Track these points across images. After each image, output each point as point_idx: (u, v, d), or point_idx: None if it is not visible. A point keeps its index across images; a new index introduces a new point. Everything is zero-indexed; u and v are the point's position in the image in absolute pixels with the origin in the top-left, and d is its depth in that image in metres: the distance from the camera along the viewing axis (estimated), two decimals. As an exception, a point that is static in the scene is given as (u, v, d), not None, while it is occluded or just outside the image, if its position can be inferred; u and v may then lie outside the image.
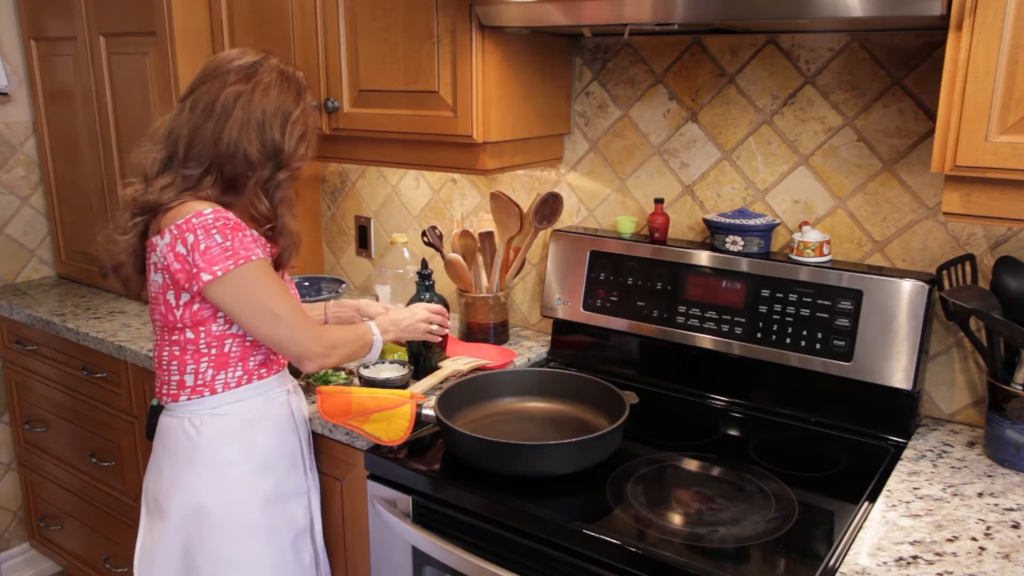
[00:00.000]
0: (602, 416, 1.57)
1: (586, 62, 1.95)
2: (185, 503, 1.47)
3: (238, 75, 1.41)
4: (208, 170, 1.40)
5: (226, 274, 1.35)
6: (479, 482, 1.40)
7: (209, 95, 1.41)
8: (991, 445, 1.47)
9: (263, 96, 1.40)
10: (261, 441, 1.51)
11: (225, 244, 1.35)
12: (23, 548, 2.85)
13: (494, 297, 2.01)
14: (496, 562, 1.35)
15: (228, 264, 1.35)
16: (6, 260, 2.71)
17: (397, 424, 1.52)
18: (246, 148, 1.39)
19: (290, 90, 1.44)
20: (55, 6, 2.45)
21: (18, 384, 2.63)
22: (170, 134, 1.44)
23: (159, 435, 1.53)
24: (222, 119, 1.39)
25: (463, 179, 2.23)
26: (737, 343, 1.69)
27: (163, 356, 1.49)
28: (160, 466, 1.52)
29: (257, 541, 1.50)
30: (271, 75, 1.42)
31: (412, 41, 1.75)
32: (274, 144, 1.41)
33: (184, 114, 1.42)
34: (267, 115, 1.40)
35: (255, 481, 1.50)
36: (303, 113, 1.45)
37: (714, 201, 1.84)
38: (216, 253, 1.35)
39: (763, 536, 1.25)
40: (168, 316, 1.44)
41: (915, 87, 1.57)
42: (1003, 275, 1.44)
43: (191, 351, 1.45)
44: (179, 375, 1.47)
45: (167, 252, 1.37)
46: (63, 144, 2.60)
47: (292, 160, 1.45)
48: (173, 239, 1.36)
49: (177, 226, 1.36)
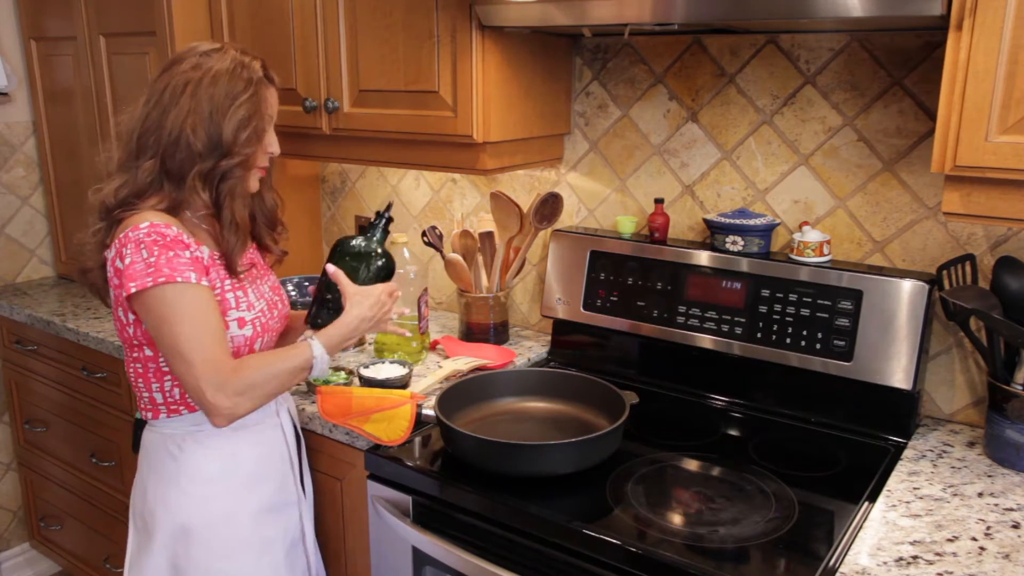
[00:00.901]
0: (602, 416, 1.57)
1: (586, 62, 1.95)
2: (170, 522, 1.43)
3: (190, 64, 1.35)
4: (153, 161, 1.34)
5: (142, 291, 1.27)
6: (479, 482, 1.40)
7: (157, 84, 1.36)
8: (991, 445, 1.47)
9: (211, 84, 1.33)
10: (246, 454, 1.47)
11: (149, 260, 1.27)
12: (23, 548, 2.85)
13: (494, 297, 2.01)
14: (496, 562, 1.35)
15: (146, 281, 1.27)
16: (6, 260, 2.71)
17: (397, 424, 1.52)
18: (189, 137, 1.32)
19: (241, 77, 1.35)
20: (55, 6, 2.45)
21: (18, 384, 2.63)
22: (125, 131, 1.39)
23: (143, 451, 1.49)
24: (169, 107, 1.33)
25: (463, 179, 2.23)
26: (737, 343, 1.69)
27: (129, 372, 1.45)
28: (145, 483, 1.47)
29: (250, 556, 1.47)
30: (223, 63, 1.34)
31: (412, 41, 1.75)
32: (218, 132, 1.33)
33: (138, 108, 1.38)
34: (214, 102, 1.32)
35: (242, 495, 1.47)
36: (249, 99, 1.35)
37: (714, 201, 1.84)
38: (139, 269, 1.27)
39: (763, 536, 1.25)
40: (123, 332, 1.39)
41: (915, 87, 1.57)
42: (1003, 275, 1.44)
43: (152, 369, 1.40)
44: (147, 392, 1.43)
45: (109, 266, 1.33)
46: (63, 144, 2.60)
47: (234, 147, 1.34)
48: (115, 253, 1.31)
49: (119, 239, 1.31)
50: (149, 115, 1.35)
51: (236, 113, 1.34)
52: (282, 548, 1.53)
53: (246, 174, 1.40)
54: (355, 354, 1.99)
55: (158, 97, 1.35)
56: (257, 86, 1.37)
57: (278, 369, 1.35)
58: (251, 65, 1.37)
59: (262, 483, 1.50)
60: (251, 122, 1.36)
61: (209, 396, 1.27)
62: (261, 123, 1.38)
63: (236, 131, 1.34)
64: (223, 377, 1.28)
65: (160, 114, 1.34)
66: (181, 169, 1.34)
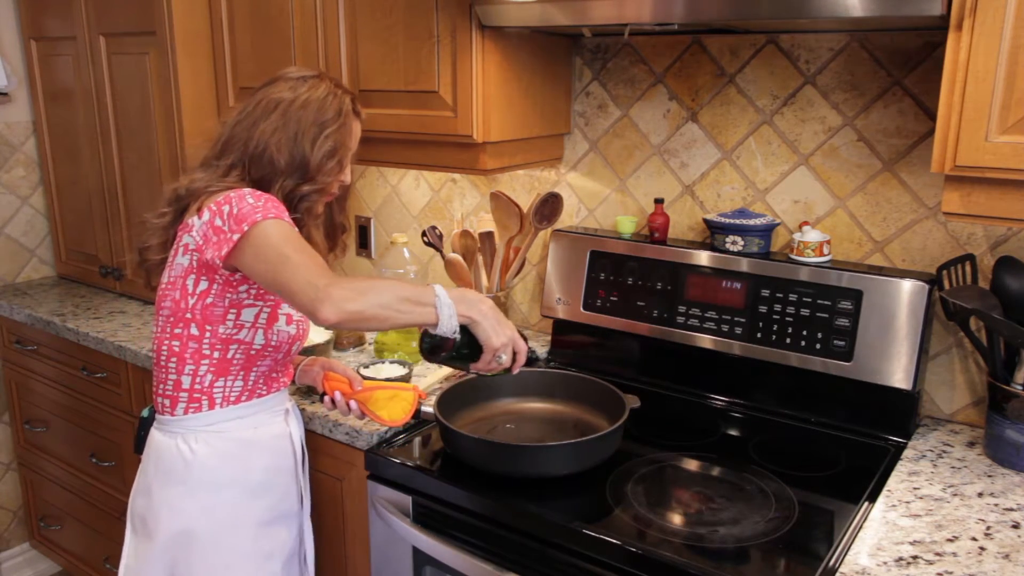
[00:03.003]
0: (602, 417, 1.57)
1: (586, 62, 1.95)
2: (173, 525, 1.42)
3: (287, 83, 1.44)
4: (237, 166, 1.41)
5: (253, 226, 1.29)
6: (479, 482, 1.40)
7: (256, 97, 1.45)
8: (991, 445, 1.47)
9: (303, 107, 1.42)
10: (257, 463, 1.47)
11: (256, 204, 1.31)
12: (23, 548, 2.85)
13: (494, 297, 2.01)
14: (496, 562, 1.35)
15: (256, 216, 1.29)
16: (6, 260, 2.71)
17: (400, 405, 1.51)
18: (274, 153, 1.40)
19: (332, 107, 1.44)
20: (55, 6, 2.45)
21: (18, 384, 2.63)
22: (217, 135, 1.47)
23: (150, 451, 1.48)
24: (260, 120, 1.41)
25: (463, 179, 2.23)
26: (737, 343, 1.69)
27: (162, 350, 1.43)
28: (149, 485, 1.45)
29: (249, 567, 1.47)
30: (317, 91, 1.44)
31: (412, 41, 1.75)
32: (302, 155, 1.41)
33: (233, 114, 1.47)
34: (302, 125, 1.41)
35: (248, 505, 1.46)
36: (337, 130, 1.44)
37: (714, 201, 1.84)
38: (247, 210, 1.30)
39: (763, 536, 1.25)
40: (180, 303, 1.39)
41: (915, 87, 1.57)
42: (1003, 275, 1.44)
43: (192, 349, 1.40)
44: (176, 374, 1.42)
45: (206, 229, 1.34)
46: (63, 144, 2.60)
47: (318, 174, 1.43)
48: (212, 215, 1.33)
49: (216, 202, 1.34)
50: (240, 123, 1.44)
51: (324, 143, 1.43)
52: (280, 560, 1.52)
53: (320, 199, 1.48)
54: (355, 354, 1.99)
55: (251, 109, 1.44)
56: (346, 118, 1.46)
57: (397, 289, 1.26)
58: (342, 98, 1.47)
59: (267, 493, 1.49)
60: (336, 153, 1.46)
61: (322, 284, 1.21)
62: (345, 155, 1.48)
63: (322, 160, 1.44)
64: (335, 277, 1.24)
65: (250, 125, 1.42)
66: (264, 182, 1.42)
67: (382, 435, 1.57)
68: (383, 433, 1.57)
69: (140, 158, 2.31)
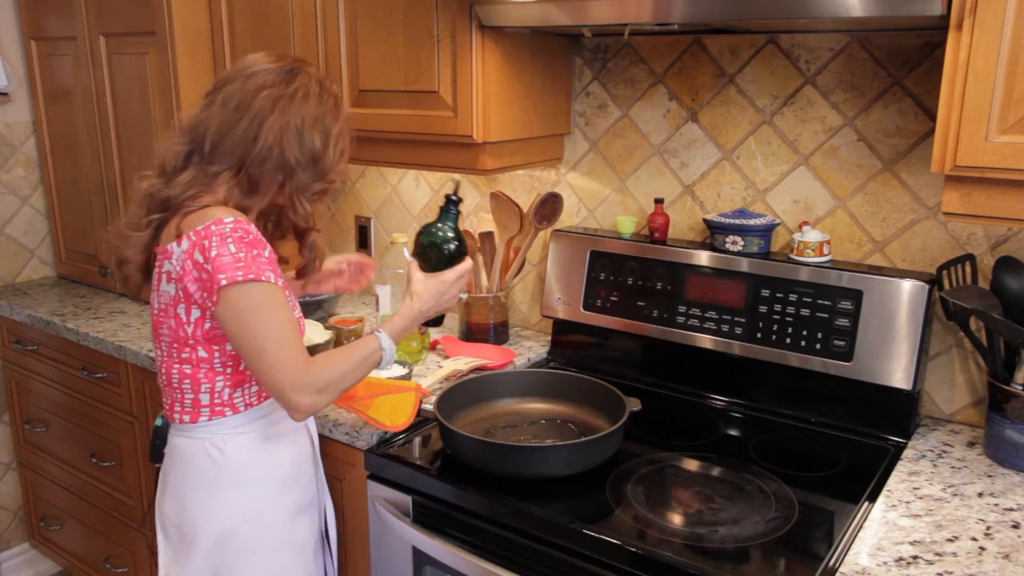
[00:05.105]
0: (602, 417, 1.57)
1: (586, 62, 1.95)
2: (214, 529, 1.41)
3: (276, 77, 1.36)
4: (233, 169, 1.35)
5: (231, 285, 1.27)
6: (479, 482, 1.40)
7: (243, 93, 1.35)
8: (991, 445, 1.47)
9: (303, 103, 1.37)
10: (283, 456, 1.47)
11: (238, 255, 1.28)
12: (23, 548, 2.85)
13: (494, 297, 2.01)
14: (496, 562, 1.35)
15: (236, 275, 1.27)
16: (6, 260, 2.71)
17: (401, 409, 1.51)
18: (284, 152, 1.35)
19: (328, 102, 1.41)
20: (55, 6, 2.45)
21: (18, 384, 2.63)
22: (195, 128, 1.37)
23: (174, 458, 1.45)
24: (258, 119, 1.34)
25: (463, 179, 2.23)
26: (737, 343, 1.69)
27: (173, 374, 1.40)
28: (181, 492, 1.43)
29: (285, 558, 1.47)
30: (311, 84, 1.40)
31: (412, 41, 1.75)
32: (314, 152, 1.38)
33: (213, 108, 1.36)
34: (306, 122, 1.37)
35: (280, 498, 1.46)
36: (342, 131, 1.43)
37: (714, 201, 1.84)
38: (227, 262, 1.27)
39: (763, 536, 1.25)
40: (179, 331, 1.36)
41: (915, 87, 1.57)
42: (1003, 275, 1.44)
43: (205, 369, 1.38)
44: (193, 394, 1.39)
45: (184, 260, 1.30)
46: (63, 144, 2.60)
47: (331, 172, 1.42)
48: (192, 246, 1.29)
49: (196, 232, 1.29)
50: (236, 124, 1.35)
51: (338, 143, 1.42)
52: (311, 549, 1.53)
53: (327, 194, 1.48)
54: (355, 354, 1.99)
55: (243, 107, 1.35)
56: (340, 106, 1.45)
57: (353, 363, 1.38)
58: (333, 88, 1.44)
59: (295, 484, 1.50)
60: (340, 143, 1.44)
61: (292, 396, 1.30)
62: (347, 144, 1.47)
63: (338, 159, 1.43)
64: (305, 377, 1.31)
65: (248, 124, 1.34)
66: (263, 183, 1.38)
67: (382, 435, 1.57)
68: (383, 433, 1.57)
69: (140, 158, 2.31)
